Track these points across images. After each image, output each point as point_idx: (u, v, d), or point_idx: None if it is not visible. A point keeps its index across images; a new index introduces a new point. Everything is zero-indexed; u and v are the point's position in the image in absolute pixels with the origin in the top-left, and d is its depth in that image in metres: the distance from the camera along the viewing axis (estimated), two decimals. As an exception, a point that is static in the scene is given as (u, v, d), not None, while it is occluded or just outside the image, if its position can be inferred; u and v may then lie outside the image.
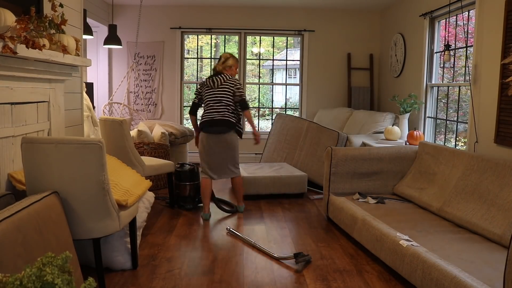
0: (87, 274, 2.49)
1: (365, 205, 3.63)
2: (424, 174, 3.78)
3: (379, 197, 3.81)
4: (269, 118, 8.87)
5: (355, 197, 3.85)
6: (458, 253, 2.57)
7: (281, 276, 2.88)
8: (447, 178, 3.47)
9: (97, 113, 6.40)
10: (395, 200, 3.80)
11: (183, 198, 4.41)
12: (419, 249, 2.59)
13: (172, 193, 4.42)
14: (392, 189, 4.02)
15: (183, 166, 4.48)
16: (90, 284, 1.31)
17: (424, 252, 2.53)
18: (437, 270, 2.33)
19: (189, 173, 4.41)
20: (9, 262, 1.67)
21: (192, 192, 4.42)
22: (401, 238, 2.78)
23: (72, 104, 3.51)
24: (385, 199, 3.77)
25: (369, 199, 3.75)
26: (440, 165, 3.63)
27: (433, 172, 3.68)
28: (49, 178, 2.31)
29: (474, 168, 3.23)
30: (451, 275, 2.22)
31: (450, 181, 3.41)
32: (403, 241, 2.73)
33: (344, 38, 6.92)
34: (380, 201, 3.71)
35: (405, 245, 2.67)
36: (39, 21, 2.59)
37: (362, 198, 3.80)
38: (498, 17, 3.62)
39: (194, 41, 10.10)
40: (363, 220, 3.26)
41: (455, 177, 3.37)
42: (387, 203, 3.70)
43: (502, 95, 3.52)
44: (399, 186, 3.95)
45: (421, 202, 3.58)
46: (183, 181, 4.40)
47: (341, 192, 3.95)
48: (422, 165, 3.87)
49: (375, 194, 3.94)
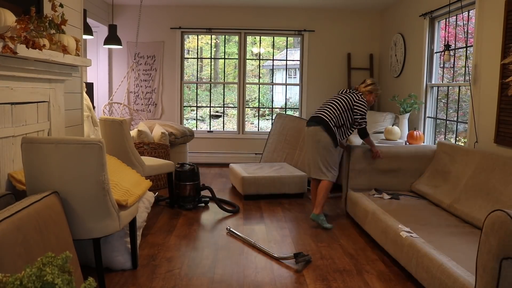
0: (87, 274, 2.49)
1: (379, 200, 3.75)
2: (440, 172, 3.87)
3: (394, 193, 3.91)
4: (269, 118, 8.88)
5: (371, 192, 3.98)
6: (454, 245, 2.67)
7: (281, 276, 2.88)
8: (459, 176, 3.55)
9: (97, 113, 6.40)
10: (411, 196, 3.90)
11: (183, 198, 4.41)
12: (416, 240, 2.73)
13: (172, 193, 4.42)
14: (410, 187, 4.10)
15: (183, 166, 4.48)
16: (90, 284, 1.31)
17: (420, 243, 2.67)
18: (428, 258, 2.49)
19: (189, 173, 4.41)
20: (9, 262, 1.67)
21: (192, 192, 4.42)
22: (402, 229, 2.93)
23: (72, 104, 3.51)
24: (400, 196, 3.88)
25: (384, 195, 3.86)
26: (455, 164, 3.71)
27: (448, 170, 3.76)
28: (49, 178, 2.31)
29: (484, 167, 3.29)
30: (438, 262, 2.38)
31: (461, 178, 3.49)
32: (403, 232, 2.88)
33: (344, 38, 6.92)
34: (394, 197, 3.81)
35: (404, 236, 2.83)
36: (39, 21, 2.59)
37: (378, 194, 3.92)
38: (498, 17, 3.62)
39: (194, 41, 10.10)
40: (373, 213, 3.43)
41: (467, 175, 3.44)
42: (402, 199, 3.81)
43: (502, 95, 3.52)
44: (416, 184, 4.03)
45: (434, 199, 3.67)
46: (183, 181, 4.40)
47: (359, 188, 4.08)
48: (439, 164, 3.94)
49: (393, 190, 4.05)
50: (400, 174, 4.10)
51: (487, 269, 1.82)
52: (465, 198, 3.30)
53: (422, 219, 3.23)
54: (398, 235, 2.89)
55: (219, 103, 10.12)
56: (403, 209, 3.50)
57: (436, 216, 3.32)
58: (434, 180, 3.86)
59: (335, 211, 4.42)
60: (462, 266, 2.30)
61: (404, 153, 4.12)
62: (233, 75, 10.12)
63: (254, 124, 10.11)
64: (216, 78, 10.69)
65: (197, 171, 4.49)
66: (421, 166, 4.10)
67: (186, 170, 4.42)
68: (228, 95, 10.35)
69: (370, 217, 3.47)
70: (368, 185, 4.08)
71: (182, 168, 4.44)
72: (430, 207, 3.58)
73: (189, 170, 4.43)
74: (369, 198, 3.81)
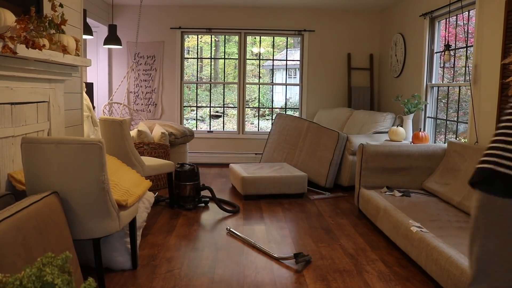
0: (87, 274, 2.49)
1: (391, 197, 3.84)
2: (450, 170, 3.92)
3: (405, 191, 3.98)
4: (269, 118, 8.87)
5: (383, 190, 4.05)
6: (462, 239, 2.76)
7: (281, 276, 2.88)
8: (469, 174, 3.57)
9: (97, 113, 6.40)
10: (421, 194, 3.97)
11: (183, 198, 4.41)
12: (426, 234, 2.84)
13: (172, 193, 4.42)
14: (421, 185, 4.16)
15: (183, 166, 4.48)
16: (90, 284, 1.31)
17: (429, 237, 2.78)
18: (437, 251, 2.61)
19: (189, 173, 4.41)
20: (9, 262, 1.67)
21: (192, 192, 4.42)
22: (412, 224, 3.04)
23: (72, 104, 3.51)
24: (411, 193, 3.95)
25: (396, 192, 3.94)
26: (464, 162, 3.76)
27: (458, 168, 3.81)
28: (49, 178, 2.31)
29: None
30: (447, 255, 2.50)
31: None
32: (414, 227, 2.98)
33: (344, 38, 6.92)
34: (405, 194, 3.89)
35: (415, 231, 2.94)
36: (39, 21, 2.59)
37: (389, 192, 4.00)
38: (498, 17, 3.62)
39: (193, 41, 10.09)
40: (384, 209, 3.53)
41: None
42: (413, 196, 3.88)
43: (502, 95, 3.51)
44: (427, 182, 4.09)
45: (444, 197, 3.73)
46: (183, 181, 4.40)
47: (371, 185, 4.17)
48: (449, 162, 3.99)
49: (404, 188, 4.11)
50: (411, 172, 4.19)
51: None
52: None
53: (432, 215, 3.32)
54: (409, 230, 3.00)
55: (219, 103, 10.12)
56: (414, 206, 3.59)
57: (446, 212, 3.40)
58: (444, 178, 3.93)
59: (348, 208, 4.42)
60: None
61: (415, 152, 4.20)
62: (233, 75, 10.12)
63: (254, 124, 10.11)
64: (216, 78, 10.69)
65: (197, 171, 4.49)
66: (432, 165, 4.18)
67: (186, 170, 4.41)
68: (228, 95, 10.35)
69: (381, 213, 3.57)
70: (380, 182, 4.17)
71: (182, 168, 4.44)
72: (441, 204, 3.65)
73: (189, 170, 4.42)
74: (381, 195, 3.89)
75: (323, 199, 4.90)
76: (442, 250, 2.58)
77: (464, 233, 2.88)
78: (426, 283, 2.78)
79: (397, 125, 5.43)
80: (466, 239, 2.67)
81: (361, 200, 4.15)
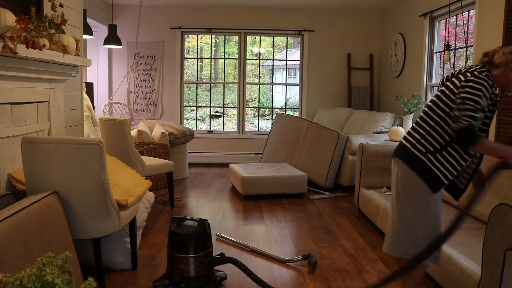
0: (87, 274, 2.49)
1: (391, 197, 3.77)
2: None
3: None
4: (269, 118, 8.87)
5: (383, 190, 4.06)
6: (462, 239, 2.75)
7: (281, 276, 2.88)
8: None
9: (97, 113, 6.40)
10: None
11: (186, 280, 2.61)
12: None
13: (172, 193, 4.41)
14: None
15: (182, 222, 2.71)
16: (90, 284, 1.31)
17: None
18: None
19: (193, 238, 2.62)
20: (9, 262, 1.67)
21: (201, 269, 2.64)
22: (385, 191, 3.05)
23: (72, 104, 3.51)
24: None
25: None
26: None
27: None
28: (49, 178, 2.31)
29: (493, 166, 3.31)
30: (447, 255, 2.50)
31: None
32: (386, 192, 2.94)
33: (344, 38, 6.92)
34: None
35: None
36: (39, 21, 2.59)
37: (389, 192, 3.97)
38: (498, 17, 3.62)
39: (193, 41, 10.09)
40: (384, 209, 3.53)
41: None
42: None
43: (502, 95, 3.52)
44: None
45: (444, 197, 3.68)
46: (183, 251, 2.61)
47: (371, 185, 4.18)
48: None
49: None
50: None
51: (492, 259, 1.98)
52: None
53: None
54: None
55: (219, 103, 10.11)
56: None
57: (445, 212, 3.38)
58: None
59: (348, 207, 4.42)
60: (469, 259, 2.42)
61: None
62: (233, 75, 10.12)
63: (254, 124, 10.11)
64: (216, 78, 10.69)
65: (208, 231, 2.68)
66: None
67: (189, 234, 2.59)
68: (228, 95, 10.34)
69: (381, 213, 3.58)
70: (380, 183, 4.18)
71: (180, 228, 2.62)
72: None
73: (195, 232, 2.61)
74: (381, 195, 3.91)
75: (323, 199, 4.90)
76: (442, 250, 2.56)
77: (464, 233, 2.86)
78: (426, 283, 2.78)
79: (397, 125, 5.43)
80: (466, 239, 2.70)
81: (361, 200, 4.16)
